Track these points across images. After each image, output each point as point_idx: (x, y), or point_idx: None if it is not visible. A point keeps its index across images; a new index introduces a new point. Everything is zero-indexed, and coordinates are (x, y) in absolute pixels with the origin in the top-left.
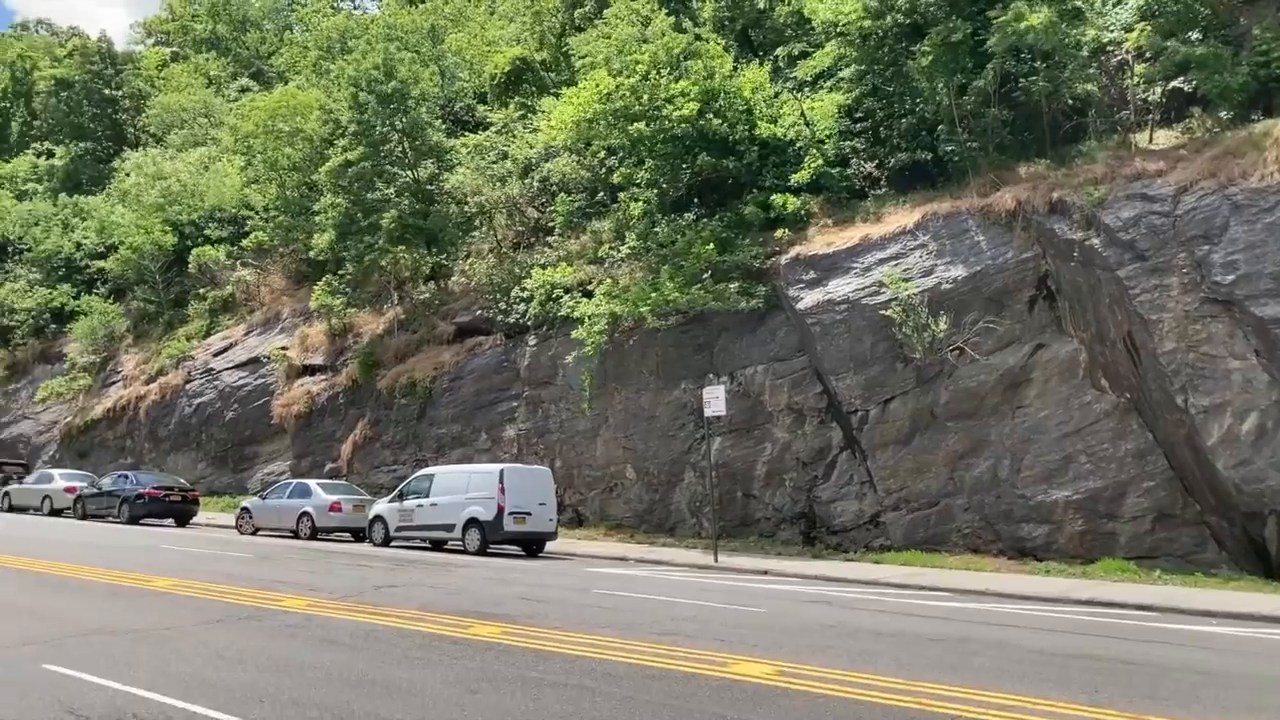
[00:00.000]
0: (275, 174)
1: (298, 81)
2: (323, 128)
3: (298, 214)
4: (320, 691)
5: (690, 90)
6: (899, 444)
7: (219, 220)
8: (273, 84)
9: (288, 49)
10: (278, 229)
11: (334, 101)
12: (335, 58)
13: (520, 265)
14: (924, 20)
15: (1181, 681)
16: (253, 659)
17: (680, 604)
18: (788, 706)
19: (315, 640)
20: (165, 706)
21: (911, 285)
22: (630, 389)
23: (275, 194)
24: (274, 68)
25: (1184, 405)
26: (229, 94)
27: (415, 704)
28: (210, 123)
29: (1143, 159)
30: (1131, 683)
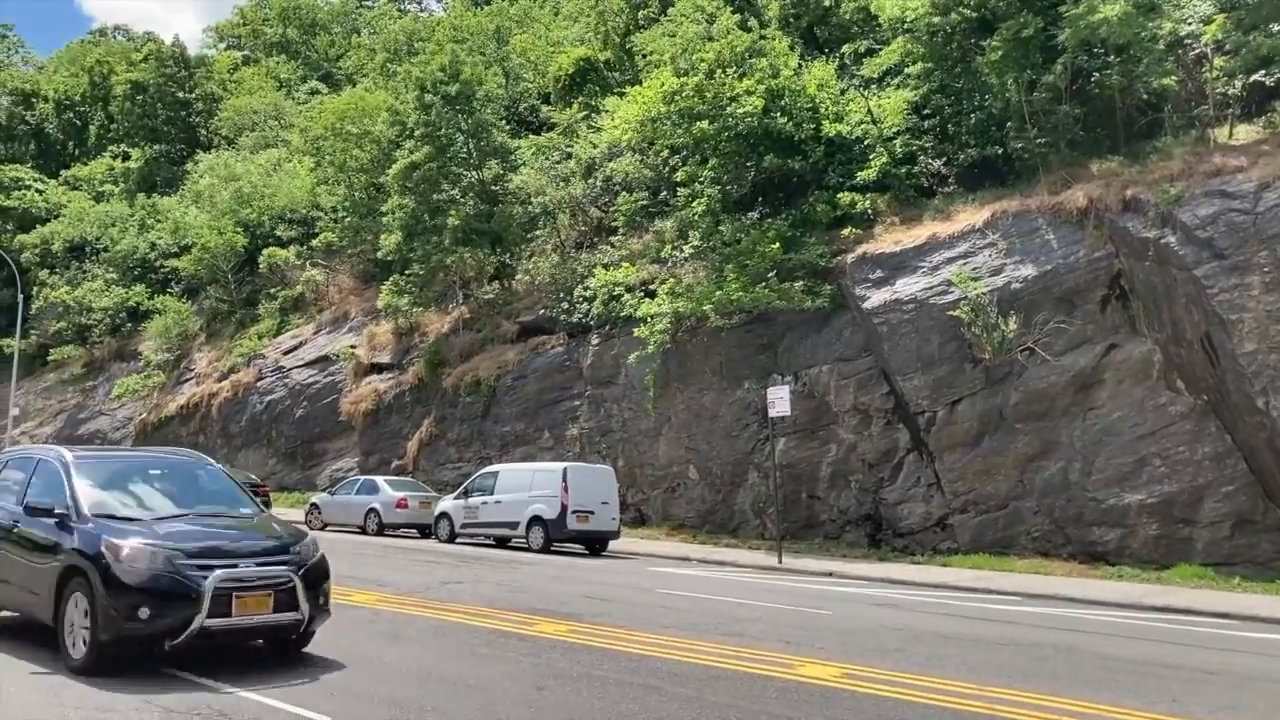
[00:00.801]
0: (343, 175)
1: (365, 84)
2: (390, 129)
3: (365, 215)
4: (387, 687)
5: (755, 88)
6: (967, 446)
7: (289, 221)
8: (341, 86)
9: (355, 52)
10: (346, 230)
11: (401, 103)
12: (402, 60)
13: (583, 265)
14: (993, 16)
15: (1263, 691)
16: (322, 653)
17: (744, 605)
18: (856, 709)
19: (383, 635)
20: (239, 699)
21: (980, 284)
22: (693, 388)
23: (343, 195)
24: (342, 70)
25: (1265, 407)
26: (299, 96)
27: (484, 699)
28: (280, 125)
29: (1222, 155)
30: (1211, 692)
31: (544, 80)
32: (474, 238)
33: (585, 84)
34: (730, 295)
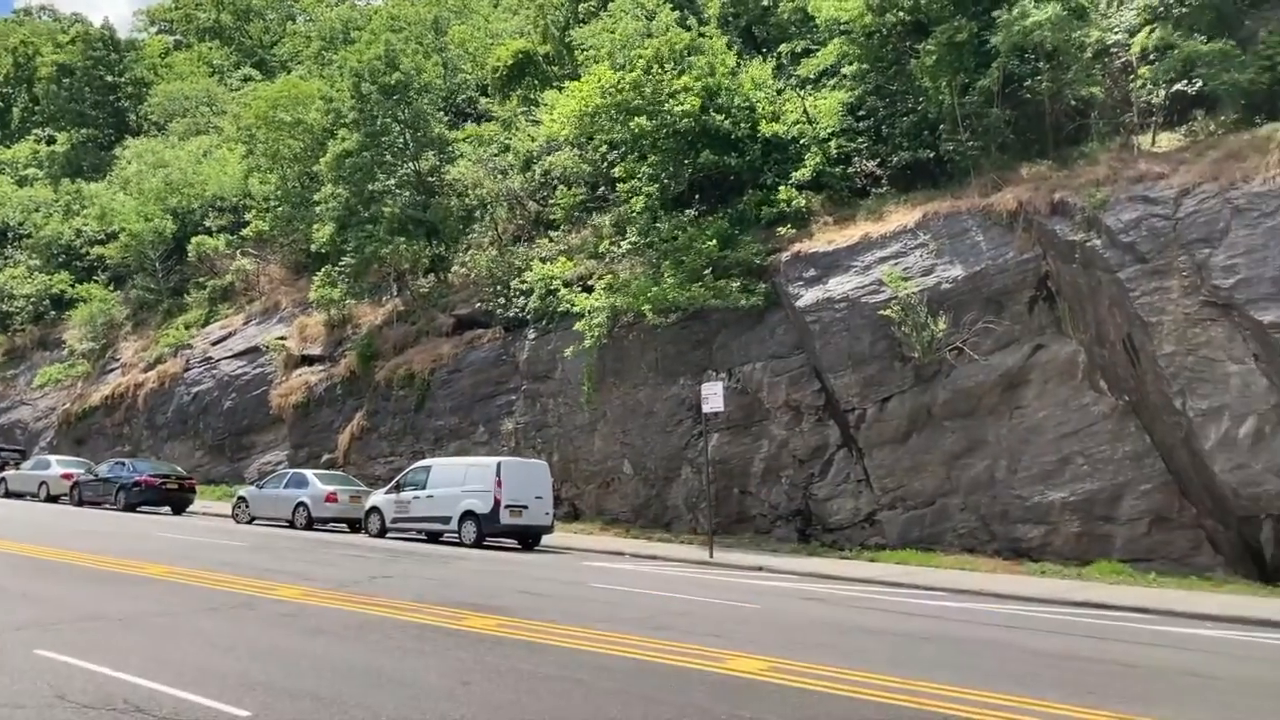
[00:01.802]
0: (276, 164)
1: (300, 72)
2: (324, 118)
3: (298, 204)
4: (312, 680)
5: (693, 86)
6: (896, 443)
7: (219, 209)
8: (275, 74)
9: (290, 39)
10: (278, 219)
11: (336, 92)
12: (338, 48)
13: (520, 258)
14: (927, 19)
15: (1176, 684)
16: (245, 647)
17: (675, 599)
18: (781, 702)
19: (308, 629)
20: (156, 693)
21: (911, 284)
22: (629, 384)
23: (276, 184)
24: (276, 58)
25: (1182, 408)
26: (232, 83)
27: (407, 694)
28: (212, 111)
29: (1145, 161)
30: (1127, 685)
31: (482, 72)
32: (410, 229)
33: (524, 77)
34: (667, 293)
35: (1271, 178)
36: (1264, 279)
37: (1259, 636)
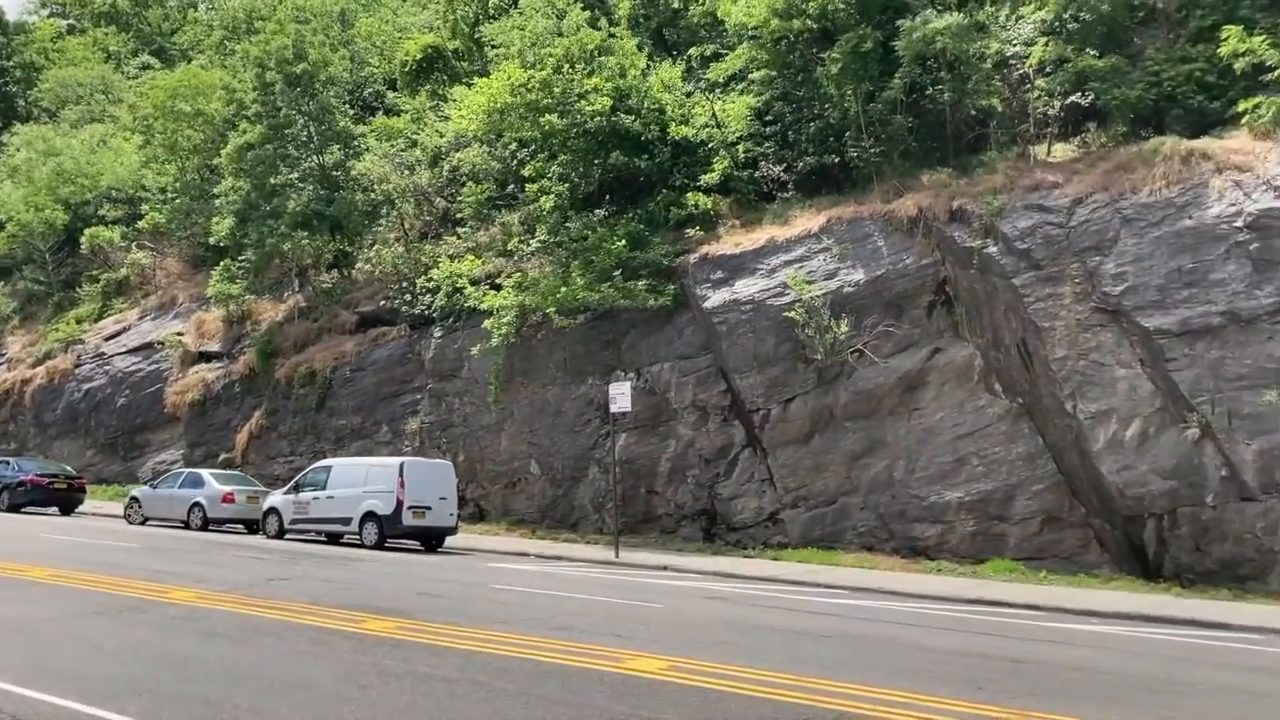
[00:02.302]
0: (175, 155)
1: (201, 61)
2: (226, 109)
3: (197, 197)
4: (203, 686)
5: (603, 86)
6: (799, 443)
7: (114, 200)
8: (175, 63)
9: (191, 27)
10: (176, 212)
11: (239, 82)
12: (241, 38)
13: (427, 255)
14: (834, 27)
15: (1062, 678)
16: (133, 652)
17: (579, 599)
18: (680, 701)
19: (200, 633)
20: (36, 702)
21: (815, 287)
22: (536, 384)
23: (174, 175)
24: (177, 46)
25: (1073, 411)
26: (129, 70)
27: (301, 698)
28: (108, 100)
29: (1040, 171)
30: (1015, 680)
31: (390, 66)
32: (313, 224)
33: (433, 72)
34: (575, 293)
35: (1158, 189)
36: (1150, 287)
37: (1141, 631)
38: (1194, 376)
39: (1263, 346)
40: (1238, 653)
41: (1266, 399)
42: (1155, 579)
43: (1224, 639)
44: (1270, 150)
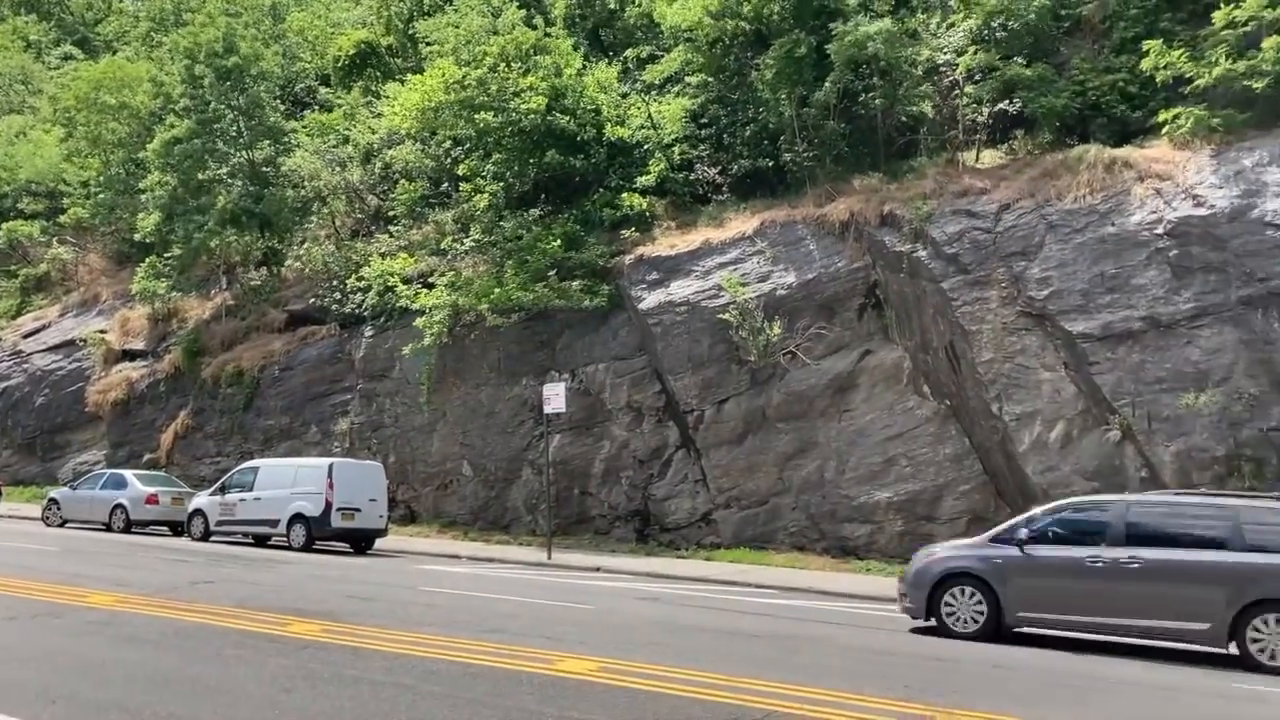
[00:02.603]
0: (98, 148)
1: (127, 53)
2: (152, 101)
3: (122, 192)
4: (121, 692)
5: (539, 85)
6: (732, 444)
7: (34, 194)
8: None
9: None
10: (99, 206)
11: (166, 75)
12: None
13: (359, 253)
14: (768, 31)
15: (987, 676)
16: (48, 658)
17: (509, 601)
18: (609, 703)
19: (120, 638)
20: None
21: (748, 290)
22: (469, 384)
23: (98, 169)
24: (101, 37)
25: (999, 413)
26: (50, 61)
27: (223, 703)
28: (28, 90)
29: (969, 177)
30: (941, 678)
31: (322, 62)
32: (242, 220)
33: (366, 68)
34: (510, 293)
35: (1082, 196)
36: (1073, 291)
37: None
38: (1115, 380)
39: (1181, 351)
40: (1158, 650)
41: (1184, 402)
42: None
43: None
44: (1189, 160)
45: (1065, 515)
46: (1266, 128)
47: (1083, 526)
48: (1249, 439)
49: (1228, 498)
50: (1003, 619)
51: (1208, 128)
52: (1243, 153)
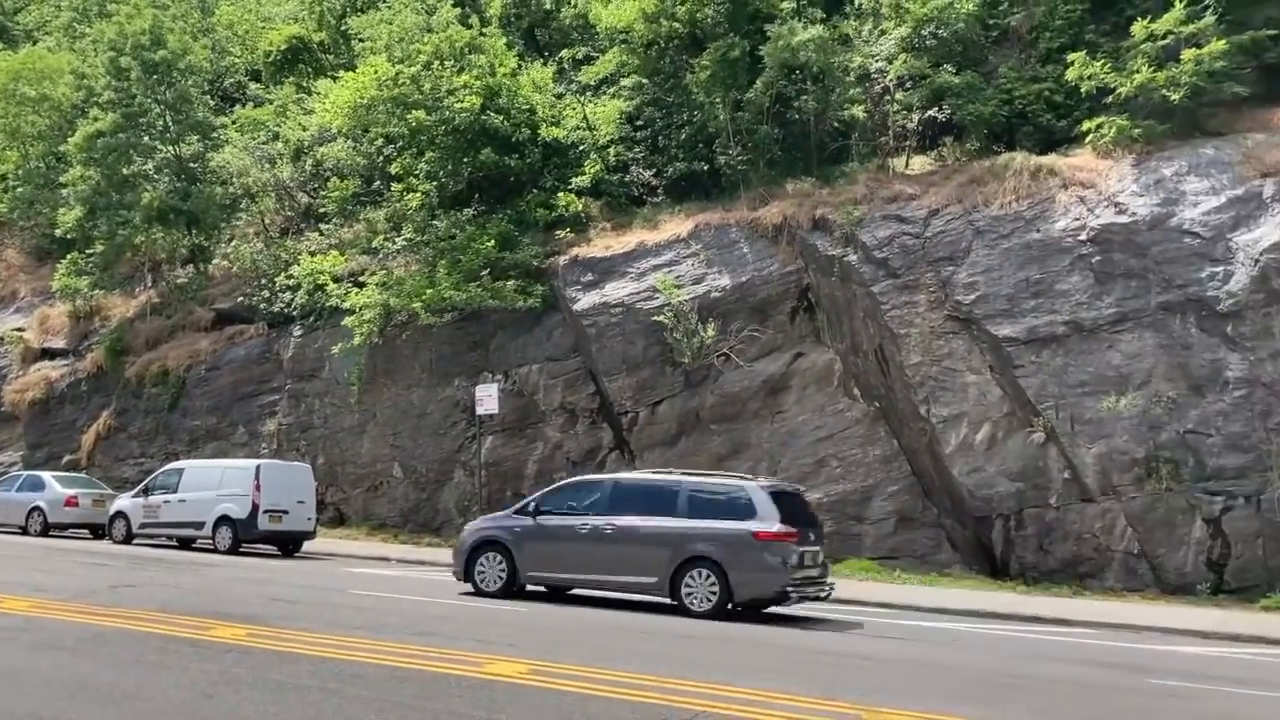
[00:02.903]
0: (16, 141)
1: (48, 43)
2: (75, 94)
3: (42, 186)
4: (35, 700)
5: (473, 84)
6: (666, 445)
7: None
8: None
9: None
10: (17, 201)
11: (89, 67)
12: (92, 21)
13: (288, 251)
14: (703, 34)
15: (910, 674)
16: None
17: (440, 604)
18: (539, 705)
19: (36, 644)
20: None
21: (683, 292)
22: (401, 385)
23: (16, 162)
24: (20, 26)
25: (926, 415)
26: None
27: (143, 710)
28: None
29: (899, 182)
30: (866, 677)
31: (253, 56)
32: (170, 217)
33: (297, 64)
34: (442, 292)
35: (1008, 203)
36: (999, 296)
37: (988, 628)
38: (1039, 383)
39: (1103, 355)
40: (1074, 647)
41: (1105, 405)
42: (1002, 577)
43: (1062, 634)
44: (1111, 168)
45: (569, 490)
46: (1185, 138)
47: (581, 499)
48: (1167, 441)
49: (681, 474)
50: (516, 578)
51: (1129, 137)
52: (1162, 162)
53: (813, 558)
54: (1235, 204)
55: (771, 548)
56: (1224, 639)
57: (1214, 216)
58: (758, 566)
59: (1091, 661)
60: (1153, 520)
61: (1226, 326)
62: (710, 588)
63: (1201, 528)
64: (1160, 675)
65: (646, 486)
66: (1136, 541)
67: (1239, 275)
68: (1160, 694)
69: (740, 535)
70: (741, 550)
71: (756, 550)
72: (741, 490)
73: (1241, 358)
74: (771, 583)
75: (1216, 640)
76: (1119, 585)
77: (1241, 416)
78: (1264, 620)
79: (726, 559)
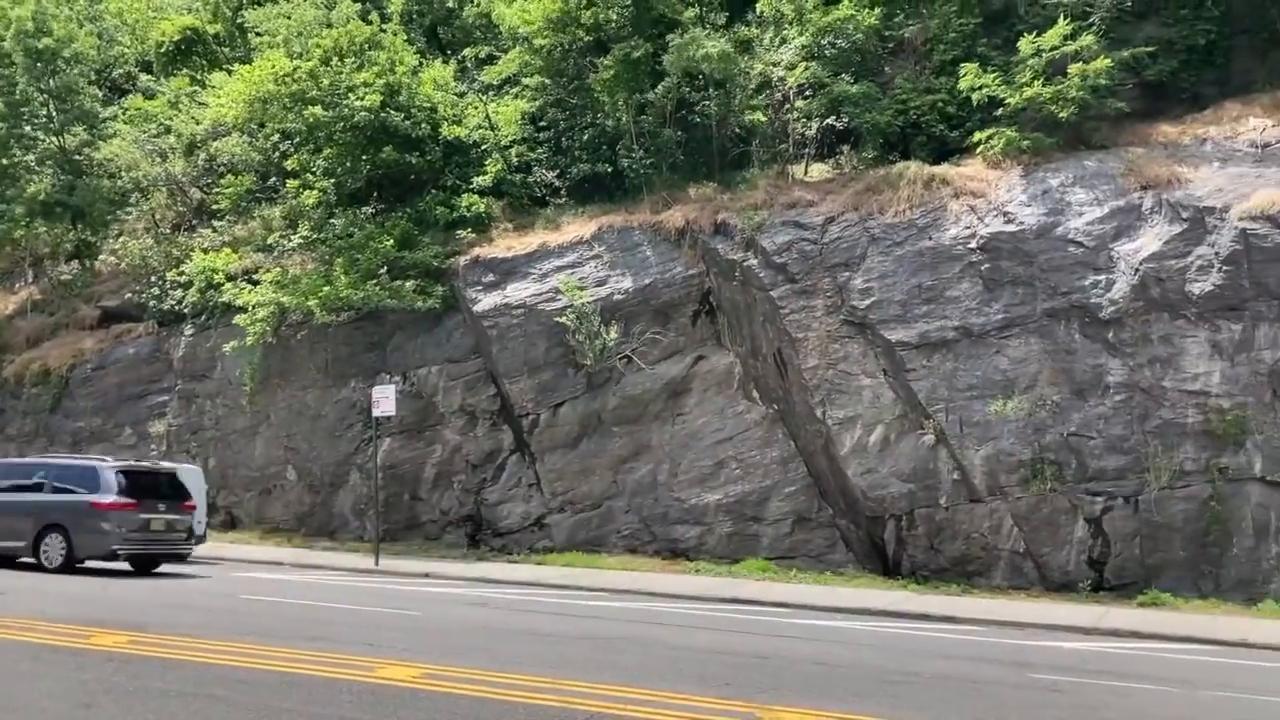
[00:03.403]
0: None
1: None
2: None
3: None
4: None
5: (373, 81)
6: (567, 447)
7: None
8: None
9: None
10: None
11: None
12: None
13: (180, 248)
14: (607, 37)
15: (804, 672)
16: None
17: (333, 608)
18: (430, 708)
19: None
20: None
21: (586, 294)
22: (296, 386)
23: None
24: None
25: (822, 417)
26: None
27: None
28: None
29: (798, 189)
30: (761, 675)
31: (144, 47)
32: (54, 211)
33: (191, 55)
34: (339, 291)
35: (902, 211)
36: (893, 302)
37: (880, 626)
38: (930, 386)
39: (991, 360)
40: (961, 644)
41: (993, 408)
42: (894, 576)
43: (951, 631)
44: (1001, 178)
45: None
46: (1070, 150)
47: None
48: (1051, 443)
49: (49, 457)
50: None
51: (1018, 148)
52: (1049, 173)
53: (167, 524)
54: (1117, 215)
55: (108, 516)
56: (1103, 634)
57: (1097, 227)
58: (94, 530)
59: (978, 658)
60: (1037, 520)
61: (1108, 333)
62: (60, 548)
63: (1083, 527)
64: (1042, 670)
65: (23, 466)
66: (1022, 541)
67: (1120, 284)
68: (1042, 688)
69: (81, 505)
70: (83, 517)
71: (95, 518)
72: (92, 469)
73: (1122, 363)
74: (106, 543)
75: (1096, 636)
76: (1005, 583)
77: (1121, 420)
78: (1140, 616)
79: (71, 524)
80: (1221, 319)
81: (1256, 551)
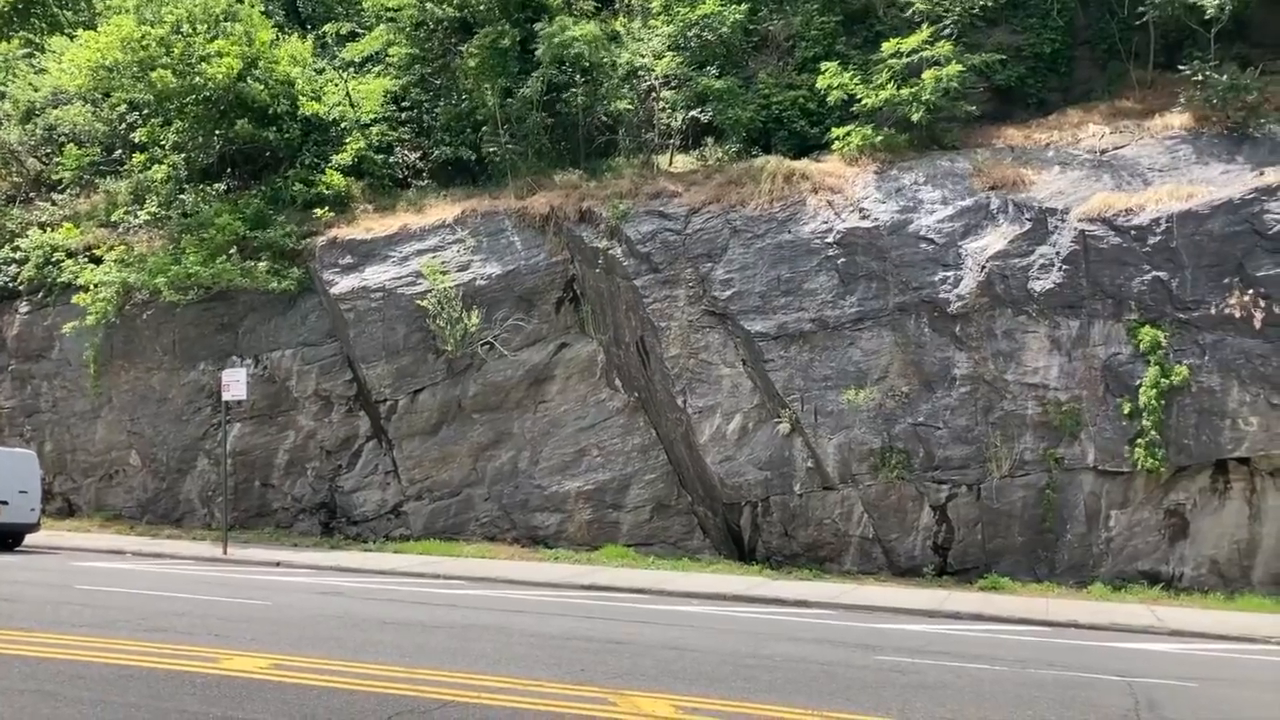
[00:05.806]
0: None
1: None
2: None
3: None
4: None
5: (230, 50)
6: (426, 434)
7: None
8: None
9: None
10: None
11: None
12: None
13: (15, 221)
14: (473, 19)
15: (658, 657)
16: None
17: (177, 598)
18: (279, 700)
19: None
20: None
21: (448, 279)
22: (140, 368)
23: None
24: None
25: (683, 406)
26: None
27: None
28: None
29: (663, 179)
30: (615, 660)
31: None
32: None
33: (29, 17)
34: (188, 270)
35: (763, 204)
36: (753, 293)
37: (734, 610)
38: (787, 377)
39: (845, 351)
40: (813, 627)
41: (846, 398)
42: (750, 562)
43: (803, 615)
44: (857, 175)
45: None
46: (923, 150)
47: None
48: (900, 432)
49: None
50: None
51: (873, 146)
52: (903, 171)
53: None
54: (965, 214)
55: None
56: (946, 617)
57: (947, 224)
58: None
59: (828, 640)
60: (886, 507)
61: (955, 327)
62: None
63: (929, 514)
64: (887, 652)
65: None
66: (871, 527)
67: (967, 280)
68: (885, 669)
69: None
70: None
71: None
72: None
73: (967, 356)
74: None
75: (939, 618)
76: (855, 568)
77: (966, 411)
78: (981, 599)
79: None
80: (1060, 316)
81: (1088, 537)
